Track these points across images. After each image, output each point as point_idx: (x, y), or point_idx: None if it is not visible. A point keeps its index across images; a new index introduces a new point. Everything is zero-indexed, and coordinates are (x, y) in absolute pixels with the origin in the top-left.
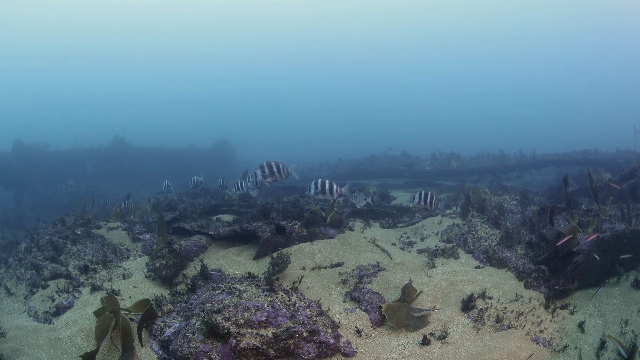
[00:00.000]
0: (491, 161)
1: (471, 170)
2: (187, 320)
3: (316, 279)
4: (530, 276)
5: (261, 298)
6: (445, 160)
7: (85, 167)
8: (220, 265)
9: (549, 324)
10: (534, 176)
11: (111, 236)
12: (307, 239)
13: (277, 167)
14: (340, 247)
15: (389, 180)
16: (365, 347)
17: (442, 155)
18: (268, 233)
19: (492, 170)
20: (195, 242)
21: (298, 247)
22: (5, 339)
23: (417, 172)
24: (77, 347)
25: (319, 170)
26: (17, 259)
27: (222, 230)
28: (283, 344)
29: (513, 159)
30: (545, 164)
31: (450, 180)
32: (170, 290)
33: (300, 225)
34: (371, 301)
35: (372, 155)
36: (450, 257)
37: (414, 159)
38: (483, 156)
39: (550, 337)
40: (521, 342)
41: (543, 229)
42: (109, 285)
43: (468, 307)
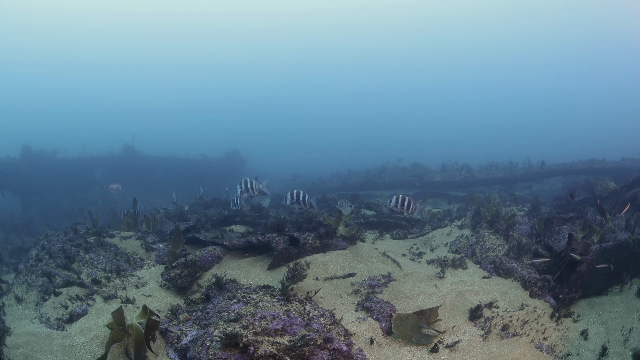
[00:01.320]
0: (500, 172)
1: (480, 181)
2: (204, 328)
3: (329, 288)
4: (536, 285)
5: (276, 307)
6: (454, 171)
7: (95, 175)
8: (235, 276)
9: (552, 331)
10: (542, 185)
11: (124, 245)
12: (320, 250)
13: (250, 184)
14: (352, 258)
15: (399, 191)
16: (377, 355)
17: (452, 166)
18: (282, 244)
19: (500, 181)
20: (210, 253)
21: (311, 258)
22: (17, 345)
23: (427, 183)
24: (92, 354)
25: (330, 182)
26: (28, 266)
27: (237, 241)
28: (298, 351)
29: (521, 169)
30: (552, 174)
31: (459, 191)
32: (185, 300)
33: (314, 237)
34: (382, 310)
35: (383, 166)
36: (459, 268)
37: (424, 169)
38: (492, 167)
39: (554, 345)
40: (525, 349)
41: (549, 239)
42: (124, 294)
43: (475, 316)
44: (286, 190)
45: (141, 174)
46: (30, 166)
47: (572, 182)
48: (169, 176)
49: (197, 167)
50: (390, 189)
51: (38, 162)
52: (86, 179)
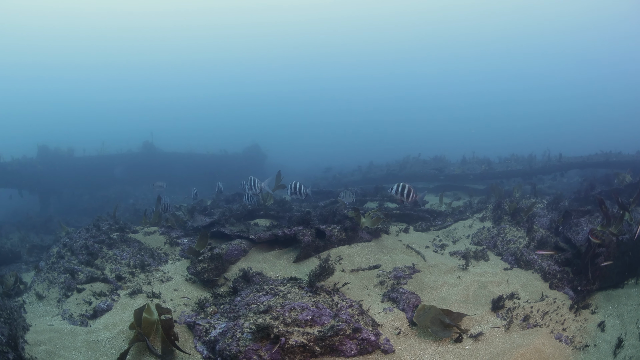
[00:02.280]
0: (519, 164)
1: (499, 174)
2: (234, 320)
3: (355, 280)
4: (555, 277)
5: (305, 299)
6: (474, 163)
7: (114, 172)
8: (261, 268)
9: (571, 322)
10: (559, 179)
11: (148, 241)
12: (346, 242)
13: (253, 182)
14: (377, 249)
15: (419, 184)
16: (403, 344)
17: (472, 160)
18: (309, 237)
19: (520, 173)
20: (237, 246)
21: (337, 250)
22: (39, 342)
23: (447, 176)
24: (118, 349)
25: (351, 175)
26: (49, 264)
27: (263, 234)
28: (328, 341)
29: (540, 162)
30: (570, 166)
31: (478, 184)
32: (212, 293)
33: (340, 229)
34: (408, 301)
35: (404, 160)
36: (481, 259)
37: (444, 162)
38: (511, 159)
39: (573, 336)
40: (546, 339)
41: (567, 232)
42: (149, 289)
43: (497, 306)
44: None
45: (161, 170)
46: (48, 165)
47: (590, 175)
48: (189, 172)
49: (217, 163)
50: (411, 182)
51: (55, 161)
52: (105, 176)
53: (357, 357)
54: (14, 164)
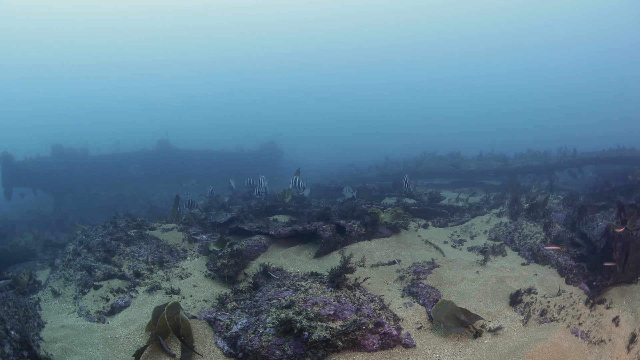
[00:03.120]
0: (534, 160)
1: (515, 170)
2: (256, 316)
3: (375, 275)
4: (571, 272)
5: (327, 294)
6: (490, 159)
7: (129, 170)
8: (281, 264)
9: (587, 317)
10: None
11: (166, 237)
12: (365, 237)
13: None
14: (396, 245)
15: (435, 180)
16: (424, 339)
17: (488, 155)
18: (329, 232)
19: (535, 169)
20: (256, 242)
21: (357, 246)
22: (54, 339)
23: (463, 172)
24: (136, 346)
25: (368, 172)
26: (65, 261)
27: (283, 230)
28: (351, 335)
29: (555, 157)
30: (584, 162)
31: (494, 180)
32: (232, 289)
33: (359, 225)
34: (428, 295)
35: (420, 156)
36: (498, 255)
37: (460, 158)
38: (527, 155)
39: (588, 330)
40: (562, 334)
41: (583, 227)
42: (168, 285)
43: (515, 301)
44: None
45: (177, 168)
46: (62, 164)
47: (604, 171)
48: (205, 170)
49: (234, 160)
50: (427, 178)
51: (70, 160)
52: (121, 174)
53: (378, 351)
54: (28, 164)
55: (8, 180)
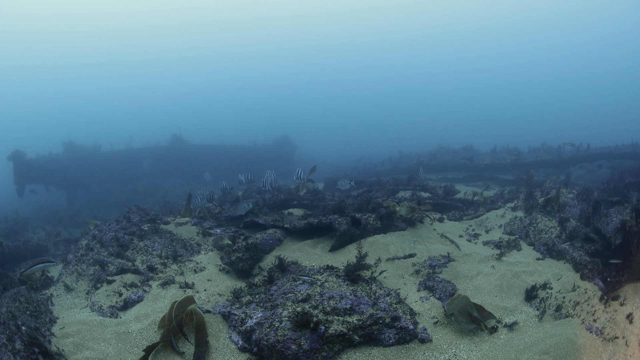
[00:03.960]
0: (548, 155)
1: (529, 164)
2: (271, 310)
3: (391, 268)
4: (586, 268)
5: (343, 287)
6: (504, 153)
7: (142, 165)
8: (297, 258)
9: (601, 314)
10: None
11: (180, 231)
12: (381, 230)
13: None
14: (411, 238)
15: (449, 173)
16: (440, 333)
17: (502, 150)
18: (345, 225)
19: (549, 164)
20: (271, 235)
21: (373, 239)
22: (66, 334)
23: (477, 166)
24: (149, 340)
25: (382, 165)
26: (77, 256)
27: (298, 223)
28: (367, 330)
29: (569, 152)
30: (598, 157)
31: (508, 174)
32: (246, 283)
33: (375, 218)
34: (445, 290)
35: (434, 150)
36: (513, 249)
37: (474, 152)
38: (541, 149)
39: (602, 327)
40: (577, 330)
41: (598, 222)
42: (182, 279)
43: (531, 296)
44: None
45: (190, 162)
46: (75, 160)
47: (617, 166)
48: (218, 164)
49: (247, 154)
50: (440, 172)
51: (82, 156)
52: (134, 170)
53: (394, 346)
54: (40, 161)
55: (20, 177)
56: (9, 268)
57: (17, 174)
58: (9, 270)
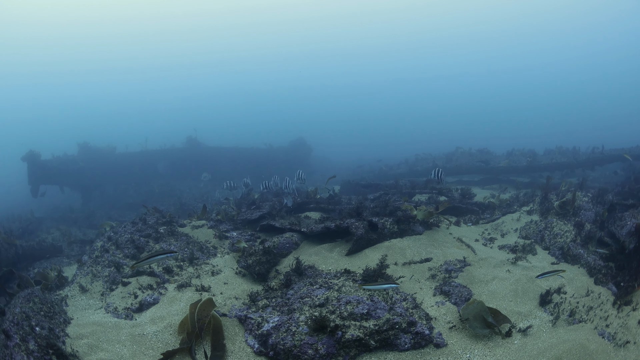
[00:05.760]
0: (563, 157)
1: (544, 167)
2: (288, 314)
3: (407, 273)
4: (600, 272)
5: (360, 292)
6: (519, 156)
7: (158, 167)
8: (313, 262)
9: (614, 319)
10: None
11: (196, 234)
12: (398, 235)
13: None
14: (428, 242)
15: (465, 176)
16: (455, 338)
17: (517, 152)
18: (362, 229)
19: (564, 166)
20: (288, 239)
21: (389, 243)
22: (80, 335)
23: (492, 169)
24: (165, 343)
25: (397, 168)
26: (93, 257)
27: (315, 227)
28: (384, 334)
29: (584, 154)
30: (612, 159)
31: (523, 176)
32: (263, 286)
33: (392, 222)
34: (460, 294)
35: (451, 152)
36: (529, 253)
37: (490, 155)
38: (556, 152)
39: (615, 332)
40: (590, 335)
41: (612, 226)
42: (198, 282)
43: (545, 301)
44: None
45: (206, 165)
46: (89, 162)
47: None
48: (234, 166)
49: (263, 157)
50: (456, 175)
51: (97, 157)
52: (149, 171)
53: (410, 351)
54: (54, 162)
55: (34, 178)
56: (23, 268)
57: (31, 174)
58: (23, 270)
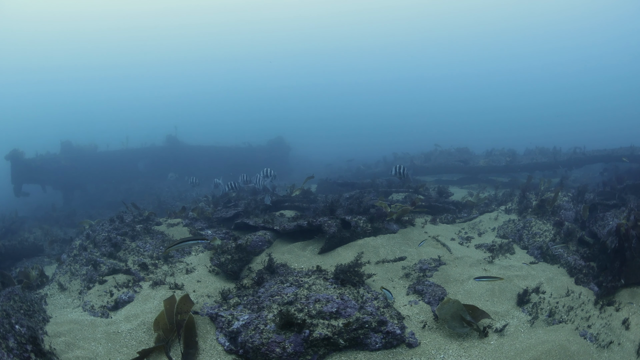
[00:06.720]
0: (544, 157)
1: (524, 167)
2: (257, 312)
3: (380, 272)
4: (581, 272)
5: (330, 290)
6: (499, 156)
7: (138, 166)
8: (286, 260)
9: (596, 319)
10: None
11: (172, 232)
12: (371, 233)
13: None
14: (402, 241)
15: (443, 176)
16: (428, 338)
17: (497, 152)
18: (334, 228)
19: (545, 166)
20: (261, 237)
21: (362, 242)
22: (58, 333)
23: (471, 168)
24: (138, 341)
25: (375, 167)
26: (71, 256)
27: (288, 225)
28: (353, 333)
29: (565, 154)
30: (595, 160)
31: (503, 176)
32: (235, 284)
33: (365, 220)
34: (434, 294)
35: (429, 152)
36: (507, 253)
37: (469, 154)
38: (536, 152)
39: (597, 333)
40: (571, 336)
41: (593, 226)
42: (172, 280)
43: (523, 301)
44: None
45: (185, 163)
46: (71, 160)
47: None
48: (213, 165)
49: (242, 155)
50: (435, 174)
51: (79, 156)
52: (129, 170)
53: (381, 350)
54: (38, 160)
55: (18, 177)
56: (6, 267)
57: (15, 173)
58: (6, 269)
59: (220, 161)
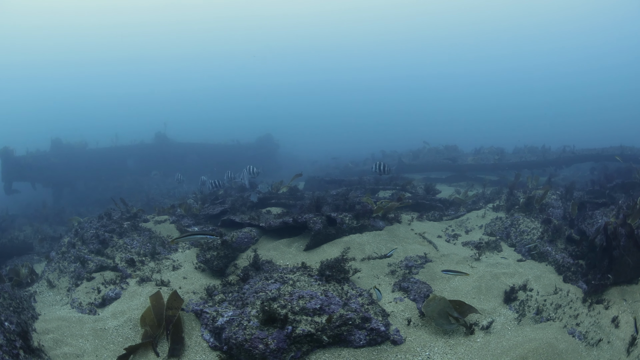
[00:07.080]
0: (533, 155)
1: (513, 165)
2: (241, 308)
3: (366, 269)
4: (569, 270)
5: (314, 287)
6: (488, 154)
7: (127, 163)
8: (271, 257)
9: (585, 317)
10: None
11: (159, 229)
12: (357, 230)
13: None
14: (388, 238)
15: (432, 174)
16: (413, 335)
17: (485, 150)
18: (320, 224)
19: (533, 164)
20: (246, 234)
21: (348, 239)
22: (47, 330)
23: (460, 166)
24: (125, 337)
25: (363, 164)
26: (60, 253)
27: (273, 222)
28: (337, 330)
29: (554, 153)
30: (584, 159)
31: (491, 174)
32: (221, 281)
33: (351, 217)
34: (419, 291)
35: (418, 150)
36: (494, 250)
37: (457, 152)
38: (525, 150)
39: (586, 331)
40: (558, 334)
41: (582, 224)
42: (158, 277)
43: (510, 298)
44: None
45: (174, 160)
46: (61, 158)
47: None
48: (202, 162)
49: (230, 153)
50: (423, 172)
51: (69, 153)
52: (119, 167)
53: (365, 347)
54: (28, 158)
55: (8, 174)
56: None
57: (5, 171)
58: None
59: (209, 158)
